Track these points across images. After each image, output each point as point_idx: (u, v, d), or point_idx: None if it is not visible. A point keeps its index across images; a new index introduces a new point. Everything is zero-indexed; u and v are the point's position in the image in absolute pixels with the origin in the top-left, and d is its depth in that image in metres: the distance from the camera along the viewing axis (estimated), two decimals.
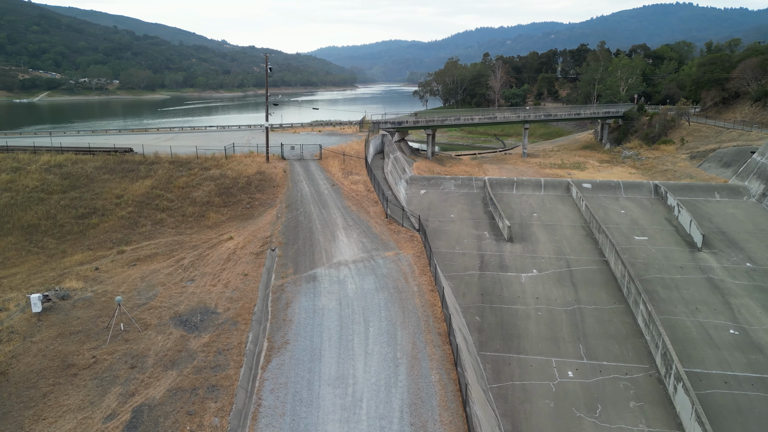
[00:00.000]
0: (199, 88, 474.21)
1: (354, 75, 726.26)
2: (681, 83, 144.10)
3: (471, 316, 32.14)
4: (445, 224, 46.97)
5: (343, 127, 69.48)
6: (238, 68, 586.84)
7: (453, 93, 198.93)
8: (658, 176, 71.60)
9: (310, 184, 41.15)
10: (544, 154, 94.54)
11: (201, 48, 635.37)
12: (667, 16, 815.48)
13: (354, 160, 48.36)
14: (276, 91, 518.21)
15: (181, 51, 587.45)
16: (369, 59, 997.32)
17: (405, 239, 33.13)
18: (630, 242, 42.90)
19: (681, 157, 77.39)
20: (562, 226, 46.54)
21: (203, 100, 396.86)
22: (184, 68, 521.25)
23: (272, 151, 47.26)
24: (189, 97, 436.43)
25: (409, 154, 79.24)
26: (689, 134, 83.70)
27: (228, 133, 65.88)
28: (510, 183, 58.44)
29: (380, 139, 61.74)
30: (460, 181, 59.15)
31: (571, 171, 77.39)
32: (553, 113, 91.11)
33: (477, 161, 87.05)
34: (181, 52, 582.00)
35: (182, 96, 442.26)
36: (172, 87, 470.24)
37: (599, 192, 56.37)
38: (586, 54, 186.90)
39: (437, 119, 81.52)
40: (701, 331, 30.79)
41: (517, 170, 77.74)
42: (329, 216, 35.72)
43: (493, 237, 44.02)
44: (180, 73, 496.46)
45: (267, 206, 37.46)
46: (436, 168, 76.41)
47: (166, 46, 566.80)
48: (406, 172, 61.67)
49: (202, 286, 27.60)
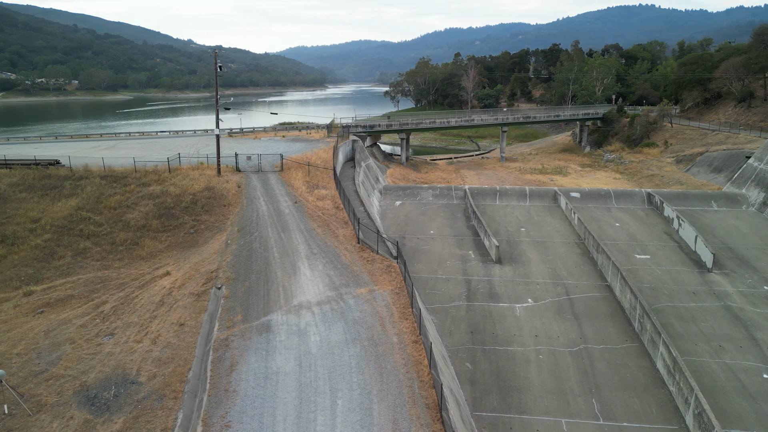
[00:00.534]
0: (163, 89, 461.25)
1: (324, 75, 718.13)
2: (655, 83, 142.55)
3: (461, 362, 26.84)
4: (425, 242, 41.68)
5: (309, 131, 63.64)
6: (204, 68, 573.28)
7: (425, 93, 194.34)
8: (645, 182, 67.75)
9: (269, 202, 35.31)
10: (523, 158, 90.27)
11: (166, 47, 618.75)
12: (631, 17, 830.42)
13: (321, 171, 42.65)
14: (244, 92, 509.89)
15: (145, 50, 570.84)
16: (339, 59, 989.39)
17: (381, 270, 27.63)
18: (631, 262, 38.26)
19: (666, 161, 73.82)
20: (554, 243, 41.69)
21: (168, 101, 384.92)
22: (148, 68, 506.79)
23: (226, 162, 41.23)
24: (153, 97, 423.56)
25: (383, 160, 73.83)
26: (672, 137, 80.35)
27: (180, 140, 59.34)
28: (492, 192, 53.54)
29: (350, 145, 56.14)
30: (438, 191, 54.01)
31: (554, 177, 73.08)
32: (531, 115, 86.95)
33: (454, 166, 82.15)
34: (145, 52, 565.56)
35: (146, 97, 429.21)
36: (135, 87, 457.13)
37: (589, 202, 51.89)
38: (559, 54, 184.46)
39: (411, 122, 76.31)
40: (731, 377, 26.10)
41: (496, 176, 73.05)
42: (290, 242, 30.00)
43: (479, 257, 38.87)
44: (143, 73, 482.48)
45: (215, 230, 31.51)
46: (411, 174, 71.17)
47: (129, 45, 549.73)
48: (380, 182, 56.21)
49: (123, 344, 21.63)
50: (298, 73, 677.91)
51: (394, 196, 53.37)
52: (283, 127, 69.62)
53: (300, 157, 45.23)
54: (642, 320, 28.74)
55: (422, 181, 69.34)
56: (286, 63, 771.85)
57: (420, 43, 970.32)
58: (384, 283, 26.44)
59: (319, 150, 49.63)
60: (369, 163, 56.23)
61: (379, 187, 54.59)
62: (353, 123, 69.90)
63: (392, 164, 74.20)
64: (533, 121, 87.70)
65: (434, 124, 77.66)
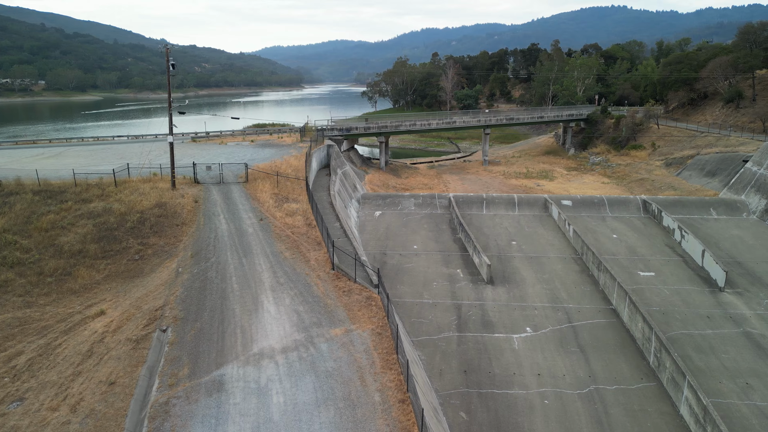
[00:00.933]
0: (135, 89, 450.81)
1: (300, 75, 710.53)
2: (635, 83, 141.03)
3: (454, 411, 22.85)
4: (408, 259, 37.64)
5: (281, 135, 59.12)
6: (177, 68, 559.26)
7: (403, 94, 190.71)
8: (635, 186, 64.80)
9: (230, 219, 30.88)
10: (506, 161, 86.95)
11: (138, 47, 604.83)
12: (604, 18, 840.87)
13: (291, 181, 38.31)
14: (219, 92, 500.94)
15: (115, 50, 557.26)
16: (315, 59, 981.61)
17: (359, 303, 23.49)
18: (635, 280, 34.75)
19: (655, 164, 71.09)
20: (549, 259, 38.02)
21: (139, 102, 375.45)
22: (119, 68, 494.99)
23: (183, 173, 36.63)
24: (124, 98, 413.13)
25: (360, 165, 69.64)
26: (660, 138, 77.78)
27: (139, 146, 54.33)
28: (479, 201, 49.80)
29: (325, 150, 51.82)
30: (421, 200, 50.08)
31: (540, 181, 69.78)
32: (515, 116, 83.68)
33: (435, 171, 78.36)
34: (115, 51, 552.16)
35: (116, 97, 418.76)
36: (105, 88, 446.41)
37: (582, 210, 48.47)
38: (538, 53, 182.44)
39: (391, 125, 72.26)
40: (765, 423, 22.57)
41: (481, 181, 69.44)
42: (252, 269, 25.67)
43: (468, 277, 34.98)
44: (114, 73, 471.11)
45: (164, 256, 26.99)
46: (391, 180, 67.13)
47: (100, 44, 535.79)
48: (358, 190, 52.03)
49: (33, 413, 17.11)
50: (274, 73, 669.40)
51: (374, 206, 49.27)
52: (254, 130, 64.92)
53: (268, 165, 40.77)
54: (659, 355, 25.08)
55: (403, 187, 65.38)
56: (262, 63, 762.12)
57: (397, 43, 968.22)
58: (363, 321, 22.29)
59: (290, 157, 45.20)
60: (346, 170, 52.01)
61: (357, 196, 50.43)
62: (328, 126, 65.54)
63: (371, 169, 70.07)
64: (517, 122, 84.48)
65: (414, 126, 73.72)
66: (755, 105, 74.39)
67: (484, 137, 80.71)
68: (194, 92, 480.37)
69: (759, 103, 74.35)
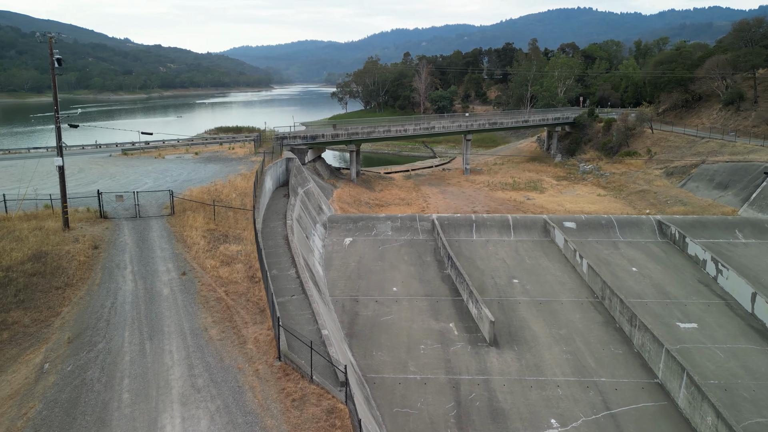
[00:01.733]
0: (95, 90, 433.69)
1: (269, 75, 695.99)
2: (615, 84, 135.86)
3: None
4: (386, 308, 29.57)
5: (233, 146, 50.32)
6: (141, 68, 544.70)
7: (374, 95, 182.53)
8: (637, 200, 58.00)
9: (140, 275, 22.27)
10: (489, 170, 79.59)
11: (99, 46, 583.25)
12: (570, 20, 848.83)
13: (236, 212, 29.79)
14: (184, 93, 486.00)
15: (75, 49, 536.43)
16: (285, 59, 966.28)
17: (316, 425, 15.23)
18: (675, 334, 27.32)
19: (654, 174, 64.49)
20: (562, 305, 30.38)
21: (99, 103, 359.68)
22: (79, 68, 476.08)
23: (85, 203, 27.77)
24: (83, 99, 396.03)
25: (328, 177, 61.23)
26: (655, 144, 71.36)
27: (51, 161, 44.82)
28: (467, 224, 42.04)
29: (283, 165, 43.26)
30: (399, 223, 42.07)
31: (530, 194, 62.46)
32: (498, 121, 76.35)
33: (412, 181, 70.40)
34: (75, 51, 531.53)
35: (75, 99, 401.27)
36: (63, 89, 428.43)
37: (588, 234, 41.12)
38: (513, 53, 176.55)
39: (362, 131, 63.99)
40: None
41: (464, 195, 61.73)
42: (158, 363, 17.20)
43: (465, 335, 27.07)
44: (73, 73, 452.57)
45: (28, 341, 18.30)
46: (363, 195, 58.89)
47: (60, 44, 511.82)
48: (323, 211, 43.65)
49: None
50: (243, 74, 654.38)
51: (343, 231, 41.05)
52: (203, 139, 55.89)
53: (207, 189, 32.12)
54: None
55: (377, 203, 57.23)
56: (230, 63, 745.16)
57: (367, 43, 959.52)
58: None
59: (237, 176, 36.53)
60: (309, 188, 43.58)
61: (323, 219, 42.09)
62: (290, 133, 56.91)
63: (340, 182, 61.72)
64: (500, 127, 77.15)
65: (389, 132, 65.64)
66: (757, 107, 68.55)
67: (465, 144, 73.13)
68: (158, 93, 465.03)
69: (762, 105, 68.54)
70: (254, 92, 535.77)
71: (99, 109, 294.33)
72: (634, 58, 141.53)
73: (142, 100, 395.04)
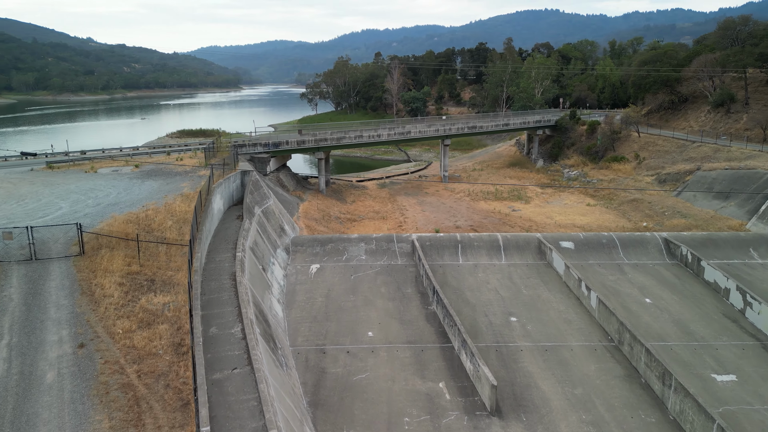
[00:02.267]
0: (54, 91, 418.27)
1: (238, 76, 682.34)
2: (591, 85, 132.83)
3: None
4: (361, 362, 23.96)
5: (182, 156, 43.89)
6: (104, 68, 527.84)
7: (345, 96, 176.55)
8: (630, 210, 53.63)
9: (17, 349, 16.16)
10: (468, 176, 74.62)
11: (60, 46, 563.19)
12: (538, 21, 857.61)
13: (169, 247, 23.73)
14: (149, 94, 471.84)
15: (34, 49, 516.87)
16: (254, 59, 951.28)
17: None
18: (714, 393, 22.35)
19: (645, 180, 60.36)
20: (572, 353, 25.18)
21: (58, 105, 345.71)
22: (38, 68, 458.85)
23: None
24: (41, 101, 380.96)
25: (294, 188, 55.24)
26: (643, 149, 67.37)
27: None
28: (452, 245, 36.73)
29: (238, 180, 37.16)
30: (374, 244, 36.51)
31: (514, 204, 57.57)
32: (477, 125, 71.32)
33: (387, 190, 64.84)
34: (34, 51, 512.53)
35: (33, 100, 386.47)
36: (21, 90, 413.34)
37: (589, 256, 36.21)
38: (487, 53, 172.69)
39: (332, 137, 58.08)
40: None
41: (444, 206, 56.43)
42: None
43: (458, 401, 21.63)
44: (31, 73, 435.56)
45: None
46: (333, 208, 53.09)
47: (16, 43, 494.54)
48: (286, 233, 37.73)
49: None
50: (211, 74, 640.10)
51: (309, 256, 35.28)
52: (149, 148, 49.24)
53: (136, 216, 25.91)
54: None
55: (349, 217, 51.56)
56: (198, 63, 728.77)
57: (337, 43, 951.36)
58: None
59: (178, 196, 30.35)
60: (268, 206, 37.61)
61: (285, 243, 36.20)
62: (249, 140, 50.58)
63: (307, 193, 55.81)
64: (479, 131, 72.10)
65: (361, 138, 59.88)
66: (749, 109, 65.12)
67: (443, 149, 67.94)
68: (122, 94, 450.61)
69: (753, 107, 65.13)
70: (222, 93, 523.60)
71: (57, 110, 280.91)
72: (609, 57, 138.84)
73: (104, 101, 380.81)
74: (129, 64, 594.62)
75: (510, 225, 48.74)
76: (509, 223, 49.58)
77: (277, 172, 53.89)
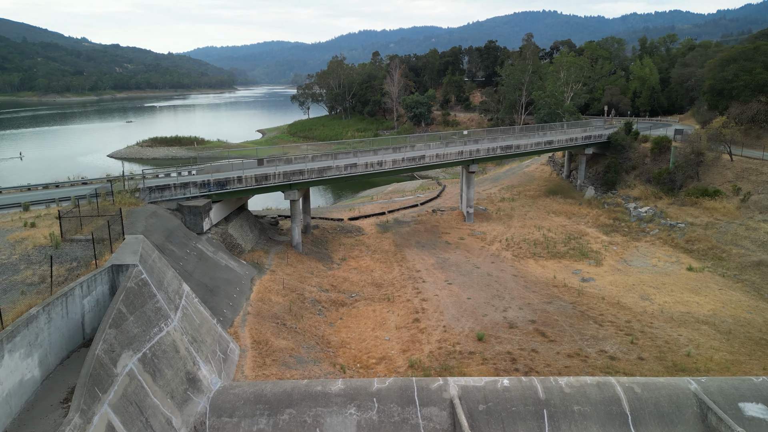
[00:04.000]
0: (39, 92, 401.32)
1: (233, 77, 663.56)
2: (624, 88, 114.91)
3: None
4: None
5: (40, 214, 24.81)
6: (94, 68, 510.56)
7: (340, 99, 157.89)
8: (760, 280, 35.21)
9: None
10: (496, 209, 56.04)
11: (50, 45, 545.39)
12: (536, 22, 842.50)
13: None
14: (139, 95, 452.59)
15: (24, 49, 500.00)
16: (250, 60, 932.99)
17: None
18: None
19: (764, 228, 41.99)
20: None
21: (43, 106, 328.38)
22: (25, 68, 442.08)
23: None
24: (26, 102, 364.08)
25: (254, 247, 36.63)
26: (741, 178, 49.06)
27: None
28: (531, 412, 18.34)
29: (105, 284, 18.40)
30: (375, 411, 18.27)
31: (580, 267, 39.11)
32: (514, 144, 52.50)
33: (391, 237, 46.22)
34: (23, 50, 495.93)
35: (18, 101, 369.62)
36: (6, 90, 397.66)
37: None
38: (497, 52, 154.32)
39: (310, 168, 39.49)
40: None
41: (477, 271, 37.84)
42: None
43: None
44: (16, 74, 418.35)
45: None
46: (311, 280, 34.42)
47: (5, 42, 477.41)
48: (200, 387, 19.05)
49: None
50: (205, 75, 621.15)
51: None
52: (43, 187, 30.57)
53: None
54: None
55: (334, 299, 32.88)
56: (192, 64, 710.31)
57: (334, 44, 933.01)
58: None
59: None
60: (161, 339, 18.96)
61: (196, 411, 17.62)
62: (177, 179, 31.68)
63: (272, 253, 37.21)
64: (516, 153, 53.30)
65: (355, 169, 41.21)
66: None
67: (466, 177, 49.50)
68: (111, 95, 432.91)
69: None
70: (216, 94, 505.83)
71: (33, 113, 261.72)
72: (648, 57, 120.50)
73: (91, 103, 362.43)
74: (121, 64, 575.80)
75: (593, 319, 30.22)
76: (589, 313, 31.05)
77: (225, 224, 35.31)
